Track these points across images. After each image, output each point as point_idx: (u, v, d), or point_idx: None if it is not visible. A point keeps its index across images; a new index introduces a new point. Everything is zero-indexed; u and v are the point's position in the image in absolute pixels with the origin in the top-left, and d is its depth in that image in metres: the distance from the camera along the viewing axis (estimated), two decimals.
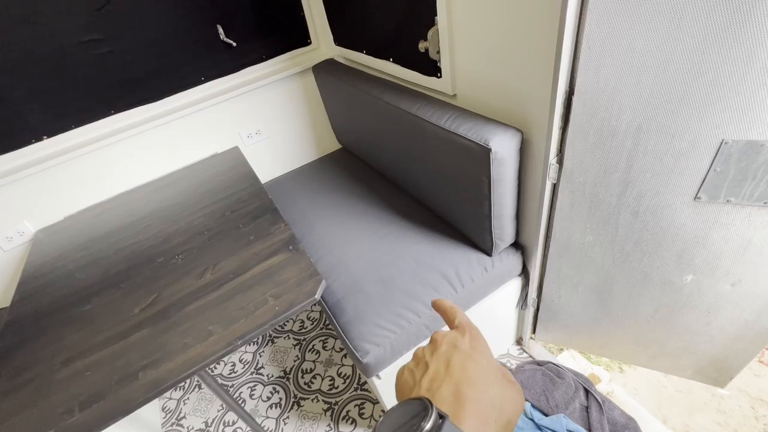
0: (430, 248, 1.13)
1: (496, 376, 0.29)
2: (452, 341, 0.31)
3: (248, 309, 0.87)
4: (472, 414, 0.26)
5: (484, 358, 0.29)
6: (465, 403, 0.26)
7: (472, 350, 0.30)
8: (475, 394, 0.26)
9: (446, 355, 0.30)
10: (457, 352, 0.30)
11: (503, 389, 0.29)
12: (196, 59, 1.45)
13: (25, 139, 1.29)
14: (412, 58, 1.14)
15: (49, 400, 0.79)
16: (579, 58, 0.71)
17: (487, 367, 0.29)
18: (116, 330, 0.91)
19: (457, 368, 0.28)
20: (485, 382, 0.27)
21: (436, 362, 0.30)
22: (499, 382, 0.29)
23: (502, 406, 0.27)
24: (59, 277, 1.13)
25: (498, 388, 0.28)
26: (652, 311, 1.03)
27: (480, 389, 0.27)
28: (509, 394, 0.29)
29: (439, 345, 0.31)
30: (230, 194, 1.31)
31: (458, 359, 0.29)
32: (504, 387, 0.29)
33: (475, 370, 0.28)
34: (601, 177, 0.84)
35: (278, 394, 1.44)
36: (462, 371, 0.28)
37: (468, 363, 0.29)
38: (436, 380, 0.28)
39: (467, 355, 0.29)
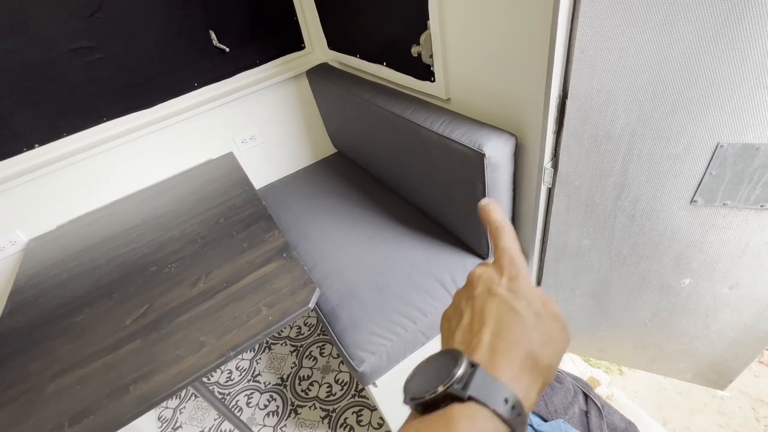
0: (426, 253, 1.12)
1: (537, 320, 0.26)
2: (488, 284, 0.28)
3: (241, 319, 0.86)
4: (506, 364, 0.24)
5: (522, 302, 0.27)
6: (499, 355, 0.24)
7: (509, 294, 0.27)
8: (510, 345, 0.25)
9: (480, 303, 0.28)
10: (493, 299, 0.27)
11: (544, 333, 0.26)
12: (189, 65, 1.44)
13: (17, 147, 1.28)
14: (406, 63, 1.13)
15: (39, 416, 0.77)
16: (572, 62, 0.71)
17: (526, 312, 0.26)
18: (108, 341, 0.89)
19: (492, 317, 0.26)
20: (522, 330, 0.26)
21: (470, 311, 0.28)
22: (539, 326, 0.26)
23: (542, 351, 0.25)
24: (51, 287, 1.12)
25: (537, 334, 0.26)
26: (650, 315, 1.02)
27: (516, 338, 0.25)
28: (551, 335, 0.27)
29: (474, 288, 0.29)
30: (224, 201, 1.29)
31: (493, 306, 0.27)
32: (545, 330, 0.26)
33: (512, 318, 0.26)
34: (596, 181, 0.83)
35: (275, 401, 1.43)
36: (497, 320, 0.26)
37: (503, 310, 0.27)
38: (470, 332, 0.27)
39: (503, 301, 0.27)
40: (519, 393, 0.23)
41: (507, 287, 0.28)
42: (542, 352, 0.25)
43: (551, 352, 0.26)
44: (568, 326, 0.28)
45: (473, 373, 0.23)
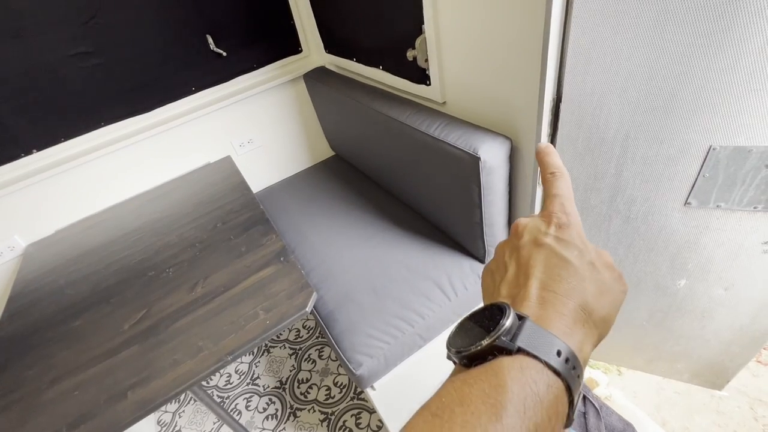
0: (423, 256, 1.12)
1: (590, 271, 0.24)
2: (534, 234, 0.26)
3: (239, 323, 0.86)
4: (557, 316, 0.22)
5: (573, 251, 0.25)
6: (549, 307, 0.23)
7: (558, 243, 0.25)
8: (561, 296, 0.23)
9: (526, 254, 0.26)
10: (540, 249, 0.25)
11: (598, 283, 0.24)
12: (186, 69, 1.44)
13: (15, 153, 1.28)
14: (402, 66, 1.13)
15: (37, 421, 0.77)
16: (565, 66, 0.71)
17: (578, 262, 0.24)
18: (105, 347, 0.89)
19: (539, 268, 0.24)
20: (574, 280, 0.24)
21: (515, 263, 0.26)
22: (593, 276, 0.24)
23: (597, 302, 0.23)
24: (49, 292, 1.12)
25: (591, 284, 0.24)
26: (646, 316, 1.03)
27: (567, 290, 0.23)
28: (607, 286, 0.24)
29: (520, 238, 0.27)
30: (222, 205, 1.30)
31: (540, 257, 0.25)
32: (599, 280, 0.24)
33: (562, 268, 0.24)
34: (591, 184, 0.83)
35: (274, 405, 1.43)
36: (545, 271, 0.24)
37: (553, 260, 0.25)
38: (516, 285, 0.25)
39: (551, 250, 0.25)
40: (573, 345, 0.21)
41: (555, 236, 0.26)
42: (597, 303, 0.24)
43: (607, 304, 0.24)
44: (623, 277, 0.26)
45: (522, 324, 0.21)
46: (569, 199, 0.28)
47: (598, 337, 0.24)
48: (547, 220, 0.27)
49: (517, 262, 0.26)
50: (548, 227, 0.26)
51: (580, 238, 0.26)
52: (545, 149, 0.30)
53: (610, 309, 0.24)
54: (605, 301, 0.24)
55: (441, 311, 1.02)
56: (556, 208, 0.27)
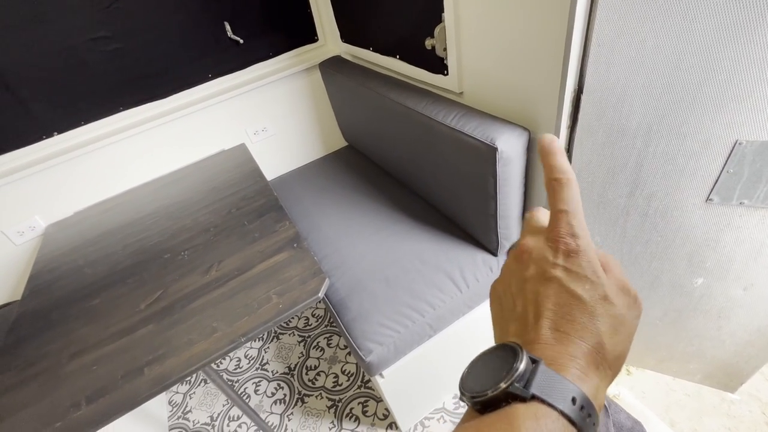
0: (436, 247, 1.12)
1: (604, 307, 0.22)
2: (541, 265, 0.24)
3: (252, 306, 0.87)
4: (571, 359, 0.21)
5: (585, 285, 0.23)
6: (561, 349, 0.21)
7: (568, 278, 0.23)
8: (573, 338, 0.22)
9: (534, 288, 0.24)
10: (548, 285, 0.23)
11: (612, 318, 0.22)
12: (204, 56, 1.45)
13: (37, 135, 1.31)
14: (419, 56, 1.13)
15: (57, 394, 0.80)
16: (588, 56, 0.70)
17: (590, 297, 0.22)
18: (123, 325, 0.92)
19: (549, 307, 0.23)
20: (586, 319, 0.22)
21: (523, 298, 0.24)
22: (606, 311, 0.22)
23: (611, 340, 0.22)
24: (69, 271, 1.15)
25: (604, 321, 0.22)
26: (660, 314, 1.01)
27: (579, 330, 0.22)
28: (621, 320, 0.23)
29: (526, 268, 0.25)
30: (236, 191, 1.31)
31: (550, 293, 0.23)
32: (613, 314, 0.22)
33: (573, 306, 0.22)
34: (609, 177, 0.82)
35: (282, 390, 1.45)
36: (555, 310, 0.23)
37: (563, 298, 0.23)
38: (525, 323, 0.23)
39: (561, 287, 0.23)
40: (587, 391, 0.20)
41: (564, 267, 0.23)
42: (611, 341, 0.22)
43: (621, 340, 0.23)
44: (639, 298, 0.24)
45: (535, 369, 0.20)
46: (578, 217, 0.24)
47: (612, 376, 0.22)
48: (554, 246, 0.24)
49: (524, 297, 0.24)
50: (556, 256, 0.24)
51: (591, 267, 0.23)
52: (549, 146, 0.26)
53: (625, 345, 0.23)
54: (619, 337, 0.23)
55: (452, 302, 1.02)
56: (564, 229, 0.24)
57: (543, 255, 0.24)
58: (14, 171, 1.29)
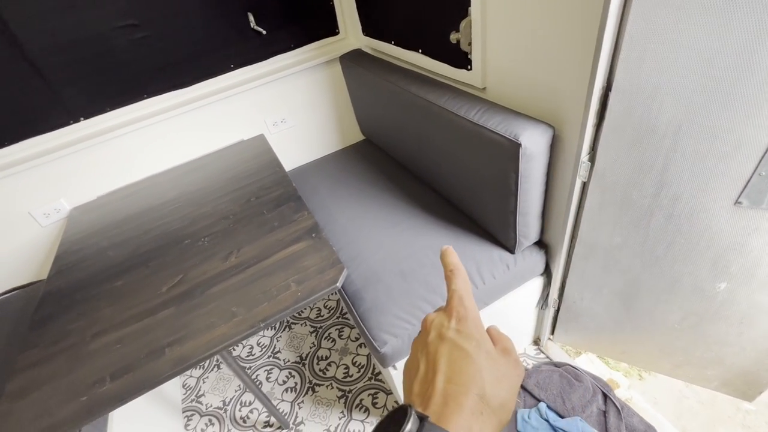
0: (452, 243, 1.12)
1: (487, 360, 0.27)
2: (438, 329, 0.29)
3: (271, 293, 0.89)
4: (457, 411, 0.25)
5: (471, 342, 0.28)
6: (450, 402, 0.25)
7: (458, 337, 0.28)
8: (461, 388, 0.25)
9: (433, 350, 0.28)
10: (443, 344, 0.28)
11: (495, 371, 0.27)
12: (227, 46, 1.47)
13: (64, 120, 1.34)
14: (442, 50, 1.12)
15: (82, 370, 0.83)
16: (619, 53, 0.69)
17: (475, 352, 0.27)
18: (145, 306, 0.94)
19: (443, 363, 0.27)
20: (472, 371, 0.26)
21: (425, 361, 0.28)
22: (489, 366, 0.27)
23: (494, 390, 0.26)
24: (92, 253, 1.18)
25: (488, 373, 0.26)
26: (679, 318, 1.00)
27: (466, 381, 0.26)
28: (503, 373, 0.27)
29: (428, 335, 0.30)
30: (255, 181, 1.33)
31: (444, 351, 0.28)
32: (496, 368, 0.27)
33: (462, 360, 0.27)
34: (634, 177, 0.81)
35: (294, 378, 1.47)
36: (448, 365, 0.27)
37: (454, 354, 0.27)
38: (425, 381, 0.27)
39: (453, 344, 0.28)
40: None
41: (456, 329, 0.29)
42: (494, 391, 0.26)
43: (503, 390, 0.27)
44: (520, 362, 0.30)
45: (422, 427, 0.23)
46: (467, 294, 0.31)
47: (497, 423, 0.26)
48: (449, 315, 0.30)
49: (426, 358, 0.28)
50: (450, 321, 0.29)
51: (478, 330, 0.29)
52: (446, 250, 0.35)
53: (507, 394, 0.27)
54: (502, 387, 0.27)
55: None
56: (456, 302, 0.30)
57: (440, 322, 0.30)
58: (42, 154, 1.32)
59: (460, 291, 0.31)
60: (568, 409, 1.17)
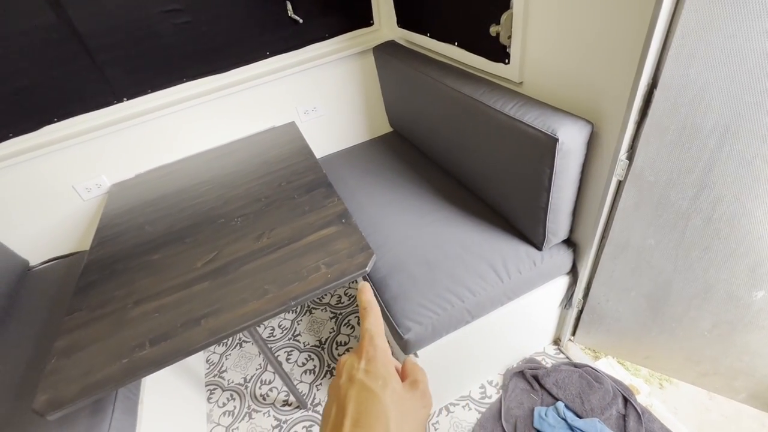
0: (479, 237, 1.13)
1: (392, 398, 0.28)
2: (349, 371, 0.29)
3: (301, 274, 0.91)
4: None
5: (378, 382, 0.28)
6: None
7: (366, 377, 0.28)
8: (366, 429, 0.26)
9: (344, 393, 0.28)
10: (352, 386, 0.28)
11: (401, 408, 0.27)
12: (263, 33, 1.50)
13: (109, 100, 1.41)
14: (479, 43, 1.12)
15: (124, 334, 0.88)
16: (669, 49, 0.68)
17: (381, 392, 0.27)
18: (181, 279, 0.99)
19: (351, 405, 0.27)
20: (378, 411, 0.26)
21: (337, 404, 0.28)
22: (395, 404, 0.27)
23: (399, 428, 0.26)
24: (131, 228, 1.24)
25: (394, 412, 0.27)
26: (710, 326, 0.98)
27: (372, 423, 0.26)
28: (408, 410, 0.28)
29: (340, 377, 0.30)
30: (286, 166, 1.36)
31: (353, 394, 0.28)
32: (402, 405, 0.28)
33: (369, 401, 0.27)
34: (674, 178, 0.80)
35: (313, 361, 1.51)
36: (356, 407, 0.27)
37: (362, 395, 0.27)
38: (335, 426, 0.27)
39: (361, 385, 0.28)
40: None
41: (365, 369, 0.29)
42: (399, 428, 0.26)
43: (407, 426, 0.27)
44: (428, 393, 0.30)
45: None
46: (378, 333, 0.32)
47: None
48: (359, 355, 0.30)
49: (337, 402, 0.28)
50: (359, 362, 0.29)
51: (385, 367, 0.29)
52: (362, 287, 0.35)
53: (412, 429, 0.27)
54: (407, 423, 0.27)
55: (493, 291, 1.02)
56: (366, 342, 0.31)
57: (351, 364, 0.30)
58: (87, 131, 1.39)
59: (371, 330, 0.31)
60: (586, 410, 1.16)
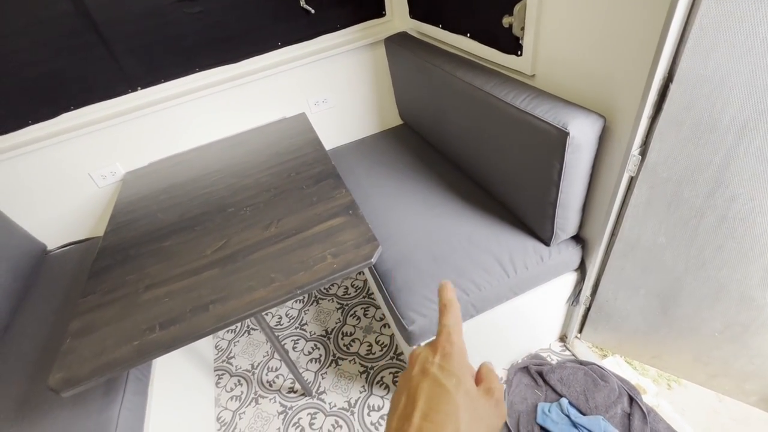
0: (486, 231, 1.12)
1: (466, 400, 0.27)
2: (423, 364, 0.29)
3: (308, 263, 0.92)
4: None
5: (452, 379, 0.27)
6: None
7: (440, 373, 0.28)
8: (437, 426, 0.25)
9: (415, 385, 0.28)
10: (425, 379, 0.28)
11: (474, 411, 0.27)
12: (276, 24, 1.50)
13: (123, 89, 1.43)
14: (492, 34, 1.10)
15: (135, 317, 0.90)
16: (686, 42, 0.66)
17: (455, 390, 0.27)
18: (191, 266, 1.01)
19: (423, 399, 0.27)
20: (450, 409, 0.26)
21: (406, 395, 0.28)
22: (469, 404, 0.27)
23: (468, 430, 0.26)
24: (144, 215, 1.27)
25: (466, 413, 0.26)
26: (721, 327, 0.96)
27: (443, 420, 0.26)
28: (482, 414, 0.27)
29: (413, 368, 0.30)
30: (295, 157, 1.37)
31: (425, 387, 0.27)
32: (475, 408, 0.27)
33: (441, 397, 0.27)
34: (689, 174, 0.78)
35: (318, 350, 1.53)
36: (427, 401, 0.27)
37: (434, 390, 0.27)
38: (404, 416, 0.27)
39: (434, 380, 0.28)
40: None
41: (439, 365, 0.28)
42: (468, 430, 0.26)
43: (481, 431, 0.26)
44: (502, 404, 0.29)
45: None
46: (456, 330, 0.31)
47: None
48: (434, 350, 0.30)
49: (407, 393, 0.28)
50: (434, 356, 0.29)
51: (460, 367, 0.29)
52: (444, 284, 0.35)
53: None
54: (479, 428, 0.26)
55: (498, 286, 1.02)
56: (443, 338, 0.30)
57: (426, 357, 0.30)
58: (102, 120, 1.42)
59: (450, 327, 0.31)
60: (591, 408, 1.15)
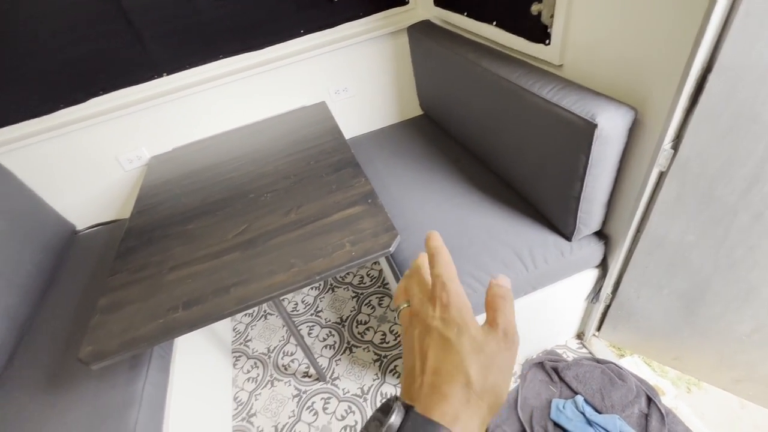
0: (506, 224, 1.11)
1: (471, 346, 0.26)
2: (424, 320, 0.29)
3: (327, 250, 0.93)
4: (442, 401, 0.25)
5: (453, 330, 0.27)
6: (435, 392, 0.25)
7: (442, 325, 0.28)
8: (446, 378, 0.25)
9: (420, 341, 0.28)
10: (430, 335, 0.28)
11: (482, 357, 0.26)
12: (299, 11, 1.50)
13: (150, 75, 1.46)
14: (519, 23, 1.07)
15: (159, 297, 0.93)
16: (729, 28, 0.62)
17: (458, 340, 0.27)
18: (213, 249, 1.03)
19: (431, 354, 0.27)
20: (456, 360, 0.26)
21: (414, 354, 0.28)
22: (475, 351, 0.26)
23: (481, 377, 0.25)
24: (168, 198, 1.30)
25: (473, 361, 0.26)
26: (749, 330, 0.93)
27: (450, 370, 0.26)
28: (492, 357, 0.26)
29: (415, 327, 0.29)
30: (315, 145, 1.38)
31: (432, 343, 0.27)
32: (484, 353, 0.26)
33: (446, 349, 0.27)
34: (724, 169, 0.75)
35: (333, 337, 1.55)
36: (435, 356, 0.27)
37: (440, 343, 0.27)
38: (413, 375, 0.27)
39: (438, 334, 0.27)
40: (457, 428, 0.24)
41: (440, 317, 0.28)
42: (480, 376, 0.25)
43: (493, 375, 0.26)
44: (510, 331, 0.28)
45: (407, 418, 0.24)
46: (450, 277, 0.30)
47: (487, 408, 0.25)
48: (432, 302, 0.29)
49: (415, 352, 0.28)
50: (434, 310, 0.29)
51: (460, 313, 0.28)
52: (431, 234, 0.34)
53: (497, 378, 0.26)
54: (491, 373, 0.26)
55: (517, 279, 1.01)
56: (438, 288, 0.29)
57: (425, 312, 0.29)
58: (129, 105, 1.45)
59: (443, 276, 0.30)
60: (606, 406, 1.14)
